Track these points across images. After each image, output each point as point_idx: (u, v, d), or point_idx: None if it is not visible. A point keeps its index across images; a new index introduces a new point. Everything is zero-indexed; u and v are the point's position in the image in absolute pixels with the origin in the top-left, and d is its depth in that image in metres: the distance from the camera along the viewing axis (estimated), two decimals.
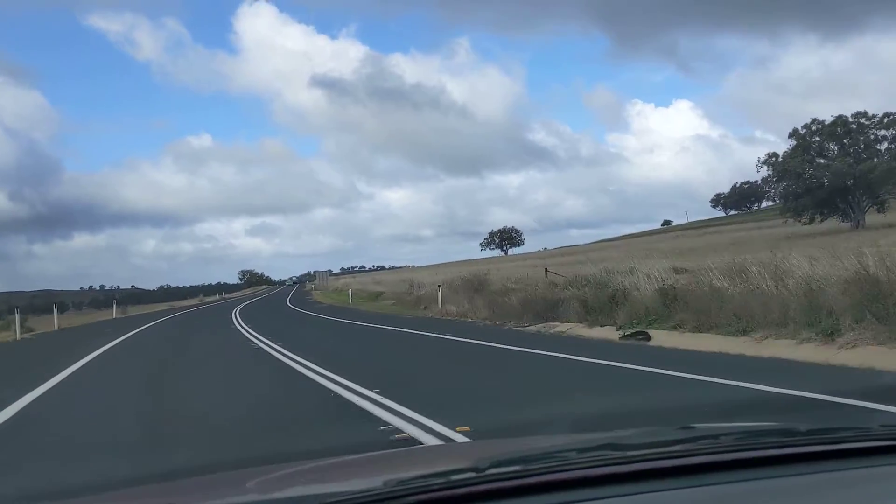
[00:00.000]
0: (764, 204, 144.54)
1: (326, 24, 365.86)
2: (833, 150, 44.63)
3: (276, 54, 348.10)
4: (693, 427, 1.52)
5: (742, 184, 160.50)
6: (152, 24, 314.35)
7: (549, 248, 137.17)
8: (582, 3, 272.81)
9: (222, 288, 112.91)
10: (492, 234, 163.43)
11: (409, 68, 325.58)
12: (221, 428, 6.27)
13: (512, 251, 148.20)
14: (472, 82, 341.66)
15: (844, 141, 44.69)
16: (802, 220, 45.58)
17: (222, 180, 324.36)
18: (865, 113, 44.04)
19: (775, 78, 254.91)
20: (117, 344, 17.47)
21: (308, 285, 65.57)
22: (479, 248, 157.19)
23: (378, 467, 1.58)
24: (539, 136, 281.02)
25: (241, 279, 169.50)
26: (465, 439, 5.02)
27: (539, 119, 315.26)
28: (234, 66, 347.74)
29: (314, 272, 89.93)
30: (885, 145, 43.94)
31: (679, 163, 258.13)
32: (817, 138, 45.02)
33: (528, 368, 9.50)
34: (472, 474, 1.24)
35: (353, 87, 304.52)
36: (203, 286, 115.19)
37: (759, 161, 47.36)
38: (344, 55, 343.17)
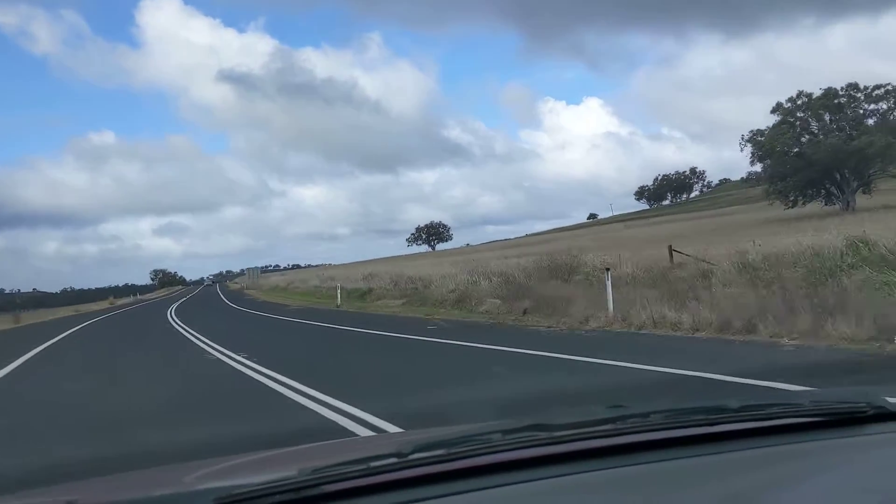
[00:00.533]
0: (693, 194, 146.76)
1: (234, 18, 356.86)
2: (817, 127, 40.57)
3: (181, 48, 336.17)
4: (622, 406, 1.52)
5: (664, 176, 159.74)
6: (49, 16, 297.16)
7: (472, 243, 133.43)
8: (492, 0, 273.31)
9: (135, 289, 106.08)
10: (419, 229, 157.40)
11: (320, 63, 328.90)
12: None
13: (440, 247, 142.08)
14: (386, 78, 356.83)
15: (832, 116, 43.83)
16: (787, 204, 45.04)
17: (127, 178, 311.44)
18: (857, 85, 40.52)
19: (680, 76, 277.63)
20: None
21: (234, 284, 59.15)
22: (406, 245, 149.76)
23: (295, 458, 1.56)
24: (454, 132, 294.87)
25: (153, 279, 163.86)
26: None
27: (453, 115, 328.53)
28: (137, 61, 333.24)
29: (245, 270, 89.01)
30: (872, 120, 42.29)
31: (590, 159, 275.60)
32: (801, 113, 40.86)
33: None
34: (394, 460, 1.23)
35: (263, 82, 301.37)
36: (111, 288, 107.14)
37: (742, 139, 46.47)
38: (252, 49, 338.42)
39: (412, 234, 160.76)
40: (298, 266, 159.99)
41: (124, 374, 11.53)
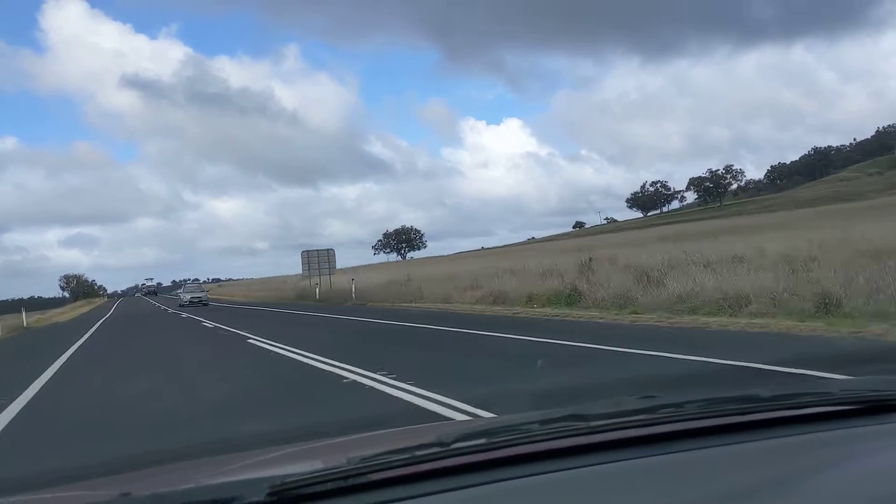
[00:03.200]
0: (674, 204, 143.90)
1: (145, 23, 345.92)
2: None
3: (88, 53, 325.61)
4: (655, 396, 1.59)
5: (651, 184, 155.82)
6: None
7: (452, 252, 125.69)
8: (410, 15, 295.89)
9: (36, 303, 72.53)
10: (387, 235, 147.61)
11: (235, 72, 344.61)
12: None
13: (412, 255, 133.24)
14: (304, 90, 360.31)
15: None
16: None
17: (30, 187, 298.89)
18: None
19: (598, 99, 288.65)
20: None
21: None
22: (373, 253, 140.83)
23: (343, 448, 1.63)
24: (375, 147, 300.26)
25: (62, 288, 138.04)
26: None
27: (375, 130, 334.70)
28: (42, 65, 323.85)
29: (189, 280, 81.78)
30: None
31: (511, 179, 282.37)
32: None
33: None
34: (437, 449, 1.30)
35: (174, 90, 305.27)
36: (11, 301, 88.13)
37: None
38: (164, 56, 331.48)
39: (379, 240, 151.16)
40: (219, 280, 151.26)
41: None
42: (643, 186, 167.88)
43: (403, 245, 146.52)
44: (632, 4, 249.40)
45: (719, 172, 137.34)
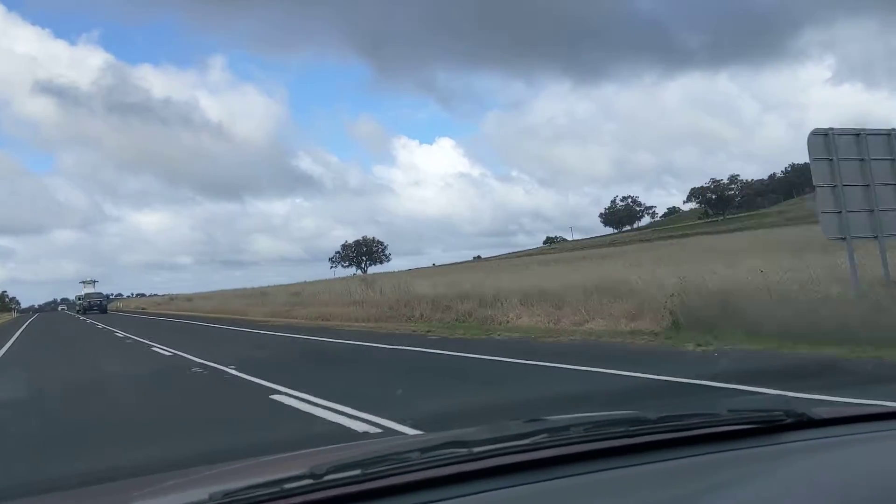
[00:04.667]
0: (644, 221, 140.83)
1: (65, 29, 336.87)
2: None
3: (1, 58, 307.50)
4: (541, 419, 1.58)
5: (622, 199, 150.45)
6: None
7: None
8: (340, 29, 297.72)
9: None
10: (346, 247, 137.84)
11: (159, 82, 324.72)
12: None
13: (372, 269, 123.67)
14: (230, 102, 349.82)
15: None
16: None
17: None
18: None
19: (529, 121, 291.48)
20: None
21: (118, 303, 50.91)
22: (329, 267, 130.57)
23: (208, 481, 1.54)
24: (304, 162, 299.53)
25: None
26: None
27: (304, 145, 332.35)
28: None
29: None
30: None
31: (444, 198, 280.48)
32: None
33: None
34: (309, 482, 1.25)
35: (94, 99, 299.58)
36: None
37: None
38: (83, 63, 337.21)
39: (337, 253, 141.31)
40: (143, 295, 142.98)
41: None
42: (613, 202, 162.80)
43: (364, 258, 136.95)
44: (565, 28, 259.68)
45: (723, 182, 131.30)
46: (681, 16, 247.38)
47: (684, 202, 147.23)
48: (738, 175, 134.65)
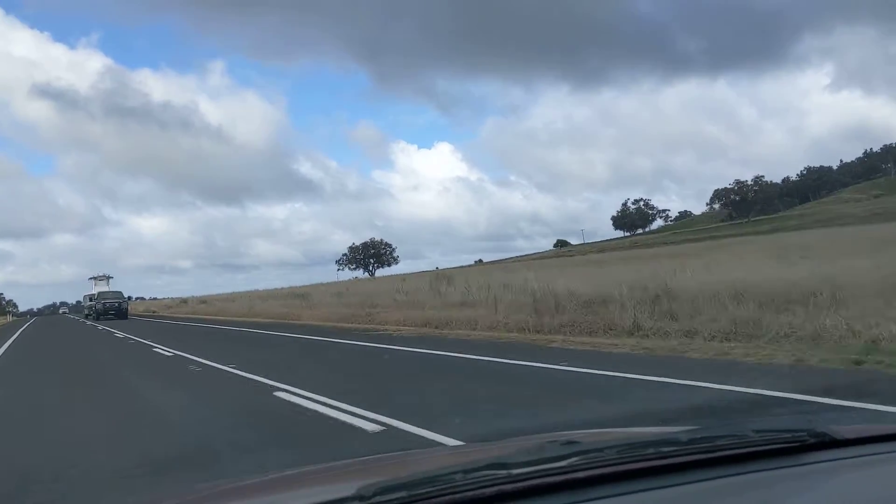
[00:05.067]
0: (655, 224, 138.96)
1: (64, 32, 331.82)
2: None
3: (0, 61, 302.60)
4: (577, 442, 1.65)
5: (634, 202, 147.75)
6: None
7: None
8: (339, 35, 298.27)
9: None
10: (353, 249, 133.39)
11: (159, 86, 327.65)
12: None
13: (380, 272, 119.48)
14: (230, 107, 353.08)
15: None
16: None
17: None
18: None
19: (527, 126, 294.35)
20: None
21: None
22: (336, 269, 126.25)
23: (257, 493, 1.61)
24: (304, 167, 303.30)
25: None
26: None
27: (303, 150, 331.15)
28: None
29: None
30: None
31: (442, 202, 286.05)
32: None
33: None
34: (357, 503, 1.32)
35: (94, 102, 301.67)
36: None
37: None
38: (82, 66, 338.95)
39: (344, 255, 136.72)
40: (143, 298, 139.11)
41: None
42: (625, 204, 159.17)
43: (372, 260, 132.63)
44: (564, 33, 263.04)
45: (748, 183, 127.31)
46: (680, 21, 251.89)
47: (707, 204, 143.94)
48: (762, 176, 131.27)
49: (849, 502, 1.41)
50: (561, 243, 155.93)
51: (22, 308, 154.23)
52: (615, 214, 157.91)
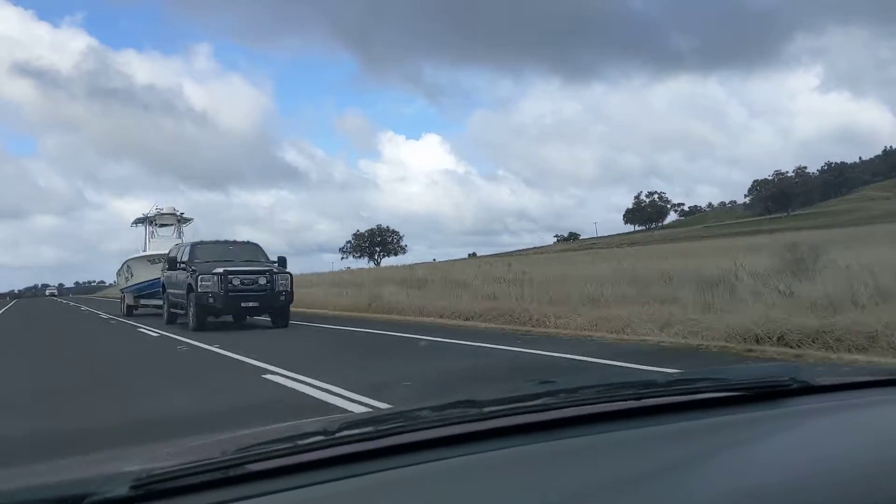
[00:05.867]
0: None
1: (48, 10, 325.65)
2: None
3: None
4: (552, 381, 1.65)
5: (647, 195, 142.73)
6: None
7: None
8: (327, 21, 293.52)
9: None
10: (358, 236, 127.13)
11: (143, 68, 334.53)
12: None
13: (386, 261, 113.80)
14: (216, 91, 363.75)
15: None
16: None
17: None
18: None
19: (516, 120, 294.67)
20: None
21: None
22: (341, 257, 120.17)
23: (222, 443, 1.48)
24: (290, 154, 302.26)
25: None
26: None
27: (289, 137, 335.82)
28: None
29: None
30: None
31: (429, 195, 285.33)
32: None
33: None
34: (321, 438, 1.29)
35: (79, 83, 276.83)
36: None
37: None
38: (65, 46, 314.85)
39: (348, 242, 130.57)
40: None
41: None
42: (638, 197, 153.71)
43: (377, 248, 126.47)
44: (555, 26, 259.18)
45: (788, 175, 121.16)
46: (672, 19, 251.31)
47: (745, 196, 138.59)
48: (805, 167, 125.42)
49: (826, 445, 1.42)
50: (573, 236, 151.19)
51: (3, 289, 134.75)
52: (630, 207, 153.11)
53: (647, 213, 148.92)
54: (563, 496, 1.15)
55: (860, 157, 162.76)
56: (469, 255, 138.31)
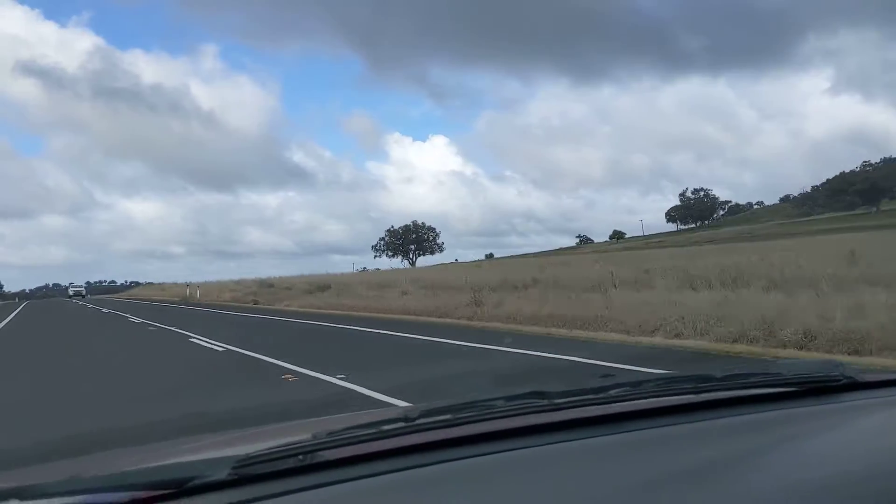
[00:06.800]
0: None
1: (55, 9, 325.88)
2: None
3: None
4: (613, 376, 1.71)
5: (693, 192, 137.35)
6: None
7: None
8: (332, 22, 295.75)
9: None
10: (391, 233, 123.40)
11: (150, 68, 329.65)
12: None
13: (422, 260, 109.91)
14: (223, 92, 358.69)
15: None
16: None
17: None
18: None
19: (523, 121, 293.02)
20: None
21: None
22: (374, 256, 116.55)
23: (308, 427, 1.60)
24: (297, 155, 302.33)
25: None
26: None
27: (297, 139, 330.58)
28: None
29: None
30: None
31: (436, 196, 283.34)
32: None
33: None
34: (402, 424, 1.38)
35: (86, 83, 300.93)
36: None
37: None
38: (72, 46, 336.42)
39: (381, 240, 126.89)
40: (137, 283, 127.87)
41: None
42: (683, 194, 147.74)
43: (412, 247, 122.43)
44: (563, 26, 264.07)
45: (868, 169, 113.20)
46: (683, 19, 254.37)
47: (822, 187, 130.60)
48: (869, 162, 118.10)
49: (873, 441, 1.47)
50: (618, 235, 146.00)
51: (14, 289, 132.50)
52: (677, 204, 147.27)
53: (696, 210, 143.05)
54: (633, 486, 1.22)
55: None
56: (486, 255, 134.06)
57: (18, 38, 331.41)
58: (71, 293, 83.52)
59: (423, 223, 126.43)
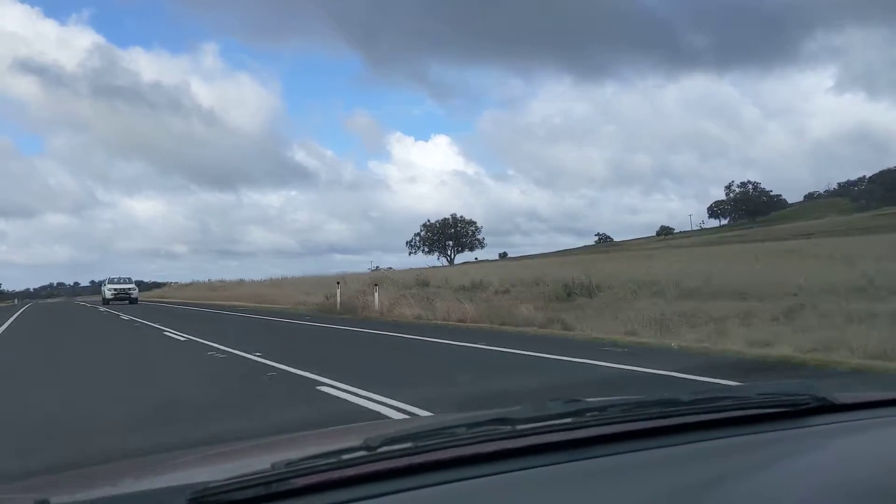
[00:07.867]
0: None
1: (54, 8, 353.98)
2: None
3: None
4: (580, 400, 1.70)
5: (740, 185, 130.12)
6: None
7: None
8: (332, 20, 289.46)
9: None
10: (428, 227, 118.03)
11: (151, 67, 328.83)
12: None
13: (460, 257, 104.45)
14: (223, 90, 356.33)
15: None
16: None
17: None
18: None
19: (525, 120, 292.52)
20: None
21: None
22: (408, 253, 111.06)
23: (267, 450, 1.68)
24: (299, 154, 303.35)
25: None
26: None
27: (298, 138, 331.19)
28: None
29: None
30: None
31: (438, 195, 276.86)
32: None
33: None
34: (363, 453, 1.38)
35: (86, 82, 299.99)
36: None
37: None
38: (72, 44, 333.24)
39: (417, 235, 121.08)
40: (142, 282, 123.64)
41: None
42: (729, 187, 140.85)
43: (450, 242, 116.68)
44: (566, 24, 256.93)
45: None
46: (686, 17, 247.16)
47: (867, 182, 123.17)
48: None
49: (846, 464, 1.46)
50: (664, 230, 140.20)
51: (18, 288, 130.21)
52: (723, 198, 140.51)
53: (747, 206, 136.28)
54: None
55: None
56: (500, 255, 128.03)
57: (18, 36, 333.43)
58: (108, 295, 50.31)
59: (461, 216, 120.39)
